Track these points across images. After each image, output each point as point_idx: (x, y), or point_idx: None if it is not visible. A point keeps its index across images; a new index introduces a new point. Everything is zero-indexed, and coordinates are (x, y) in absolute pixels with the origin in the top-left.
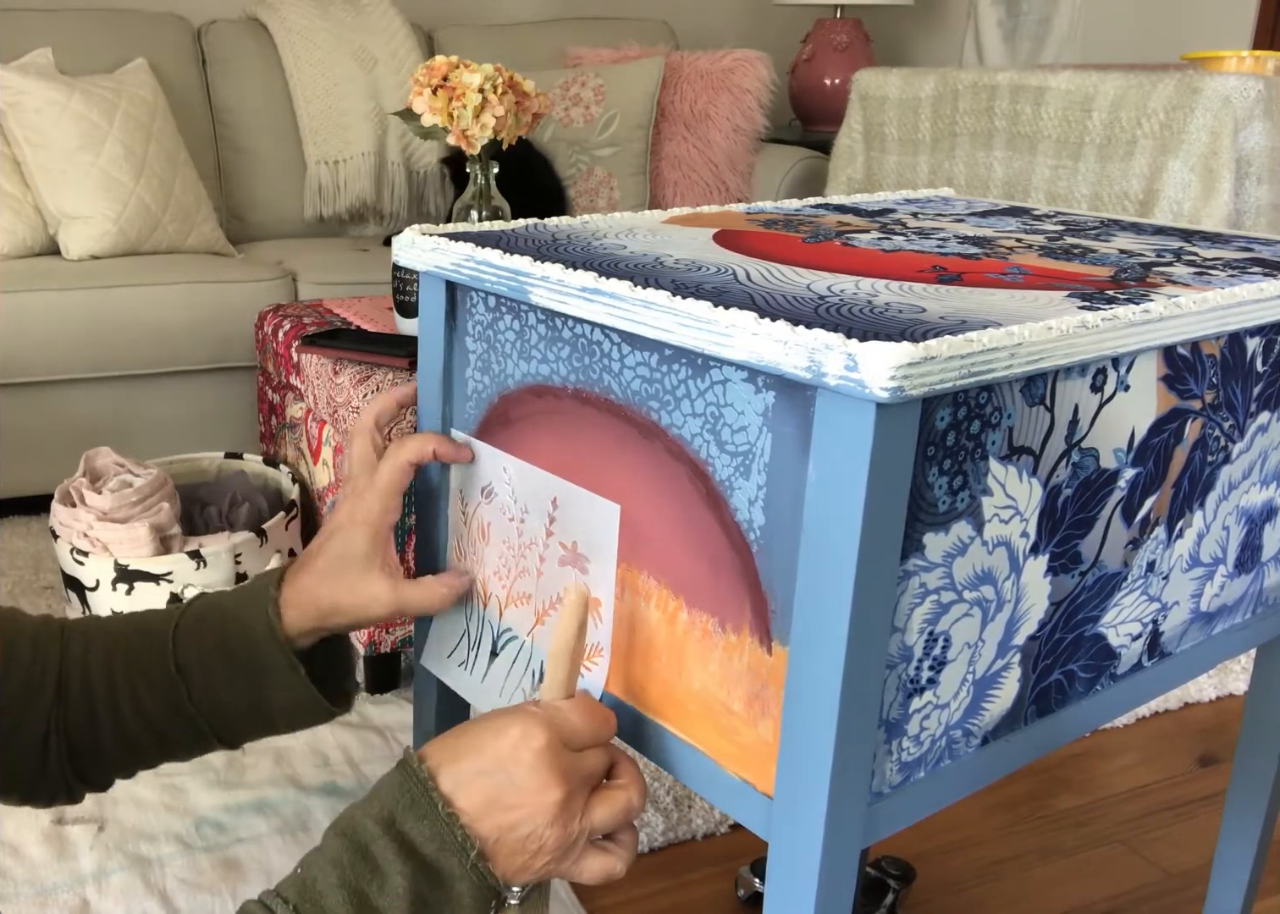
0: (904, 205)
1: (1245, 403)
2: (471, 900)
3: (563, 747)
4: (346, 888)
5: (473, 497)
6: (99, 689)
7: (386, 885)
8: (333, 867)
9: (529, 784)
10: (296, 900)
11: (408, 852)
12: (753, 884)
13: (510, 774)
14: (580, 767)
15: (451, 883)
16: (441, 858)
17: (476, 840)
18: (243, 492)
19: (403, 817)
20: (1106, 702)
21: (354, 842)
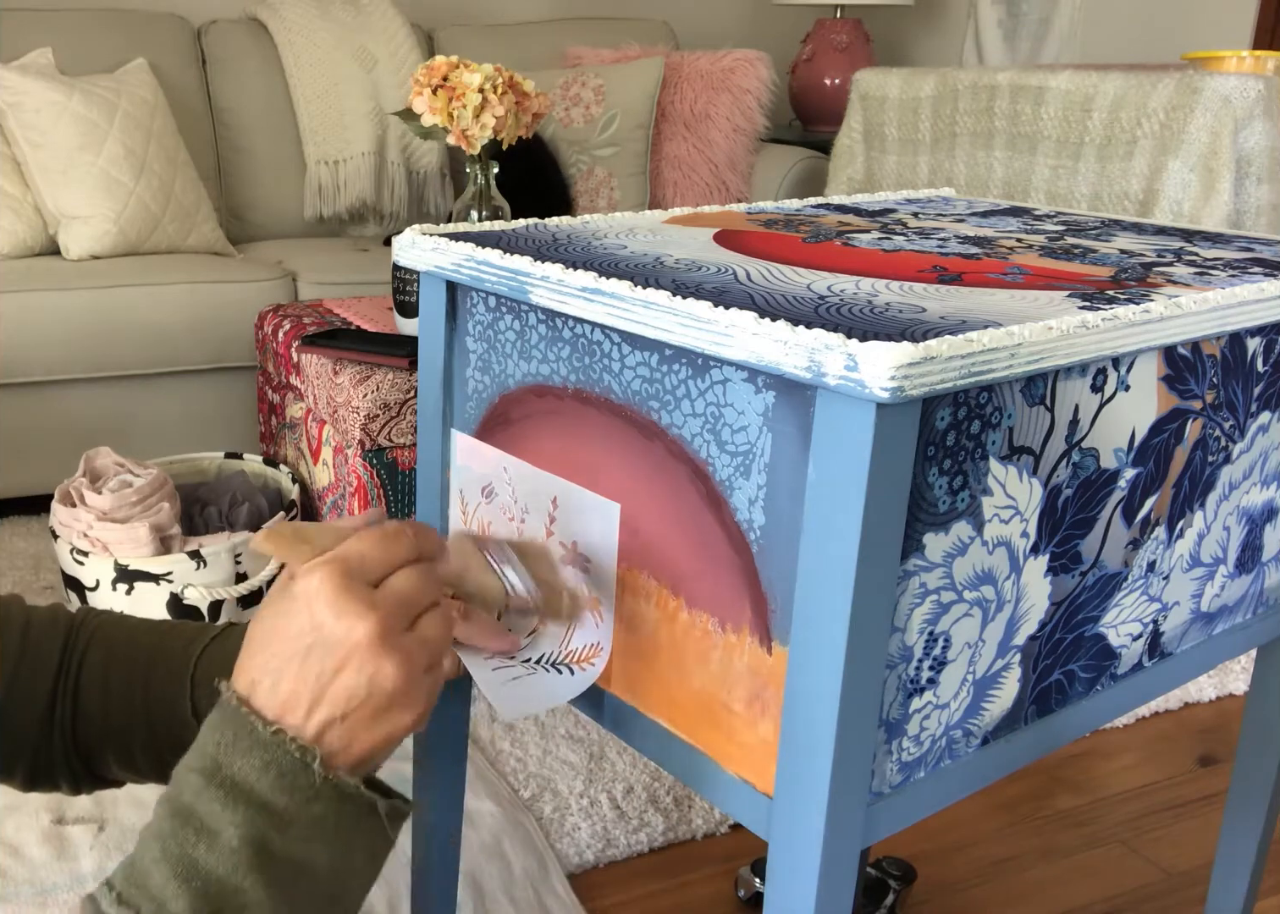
0: (905, 205)
1: (1246, 403)
2: (340, 818)
3: (353, 579)
4: (169, 860)
5: (473, 497)
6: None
7: (217, 842)
8: (155, 840)
9: (335, 636)
10: (121, 886)
11: (236, 797)
12: (753, 884)
13: (315, 639)
14: (386, 592)
15: (303, 813)
16: (281, 787)
17: (315, 747)
18: (243, 492)
19: (226, 757)
20: (1107, 702)
21: (176, 804)
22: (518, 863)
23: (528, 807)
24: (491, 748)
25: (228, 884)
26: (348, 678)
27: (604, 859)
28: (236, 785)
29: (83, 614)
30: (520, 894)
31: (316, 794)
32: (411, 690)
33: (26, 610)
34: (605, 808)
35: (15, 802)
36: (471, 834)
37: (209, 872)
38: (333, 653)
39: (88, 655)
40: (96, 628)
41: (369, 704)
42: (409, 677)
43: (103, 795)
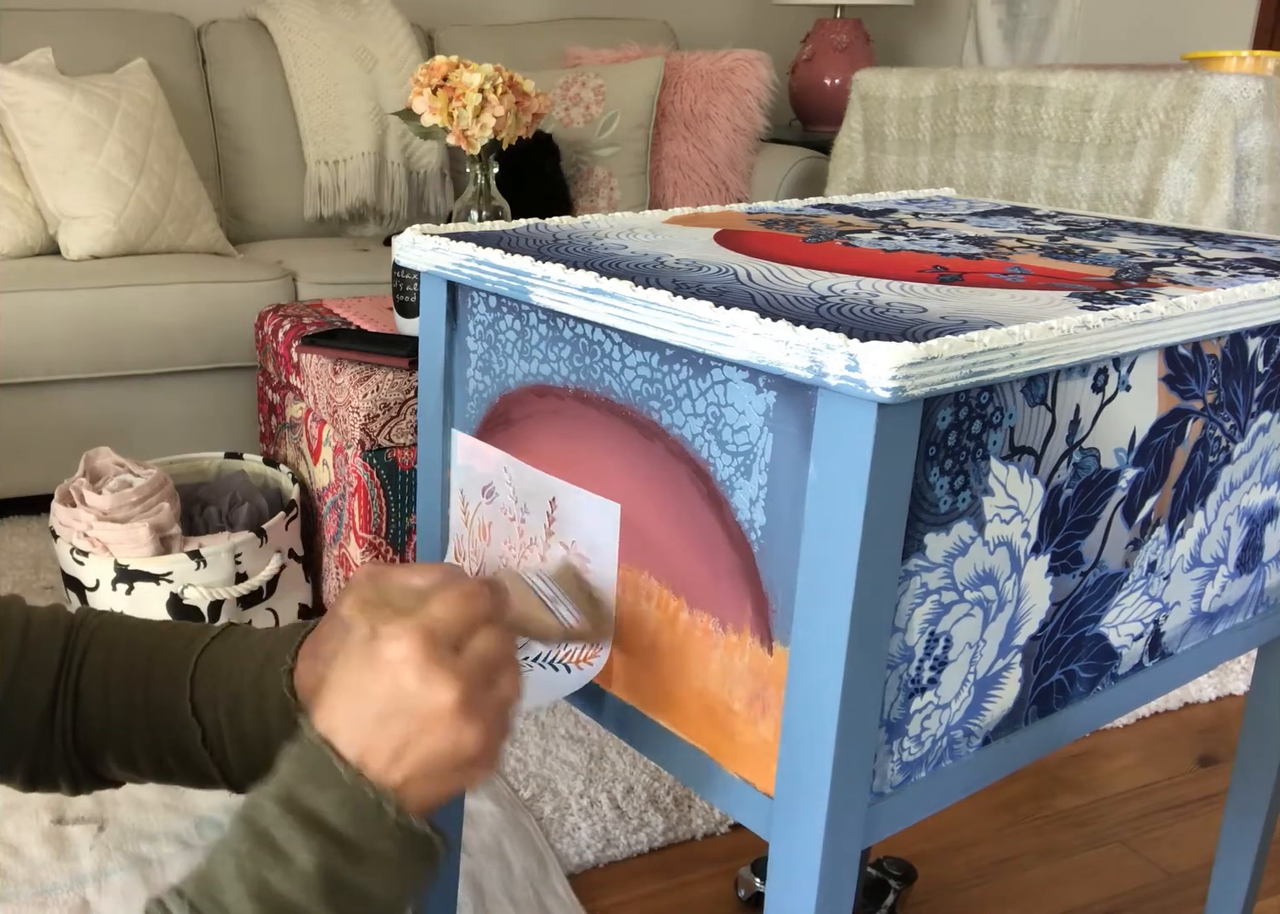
0: (905, 205)
1: (1246, 403)
2: (403, 856)
3: (437, 645)
4: (245, 878)
5: (474, 497)
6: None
7: (292, 868)
8: (232, 857)
9: (421, 704)
10: (194, 897)
11: (314, 827)
12: (753, 885)
13: (401, 704)
14: (467, 657)
15: (372, 848)
16: (356, 823)
17: (392, 792)
18: (243, 492)
19: (303, 790)
20: (1107, 702)
21: (253, 827)
22: (518, 863)
23: (528, 807)
24: None
25: (298, 908)
26: (432, 742)
27: (604, 859)
28: (313, 817)
29: (82, 614)
30: (520, 894)
31: (388, 833)
32: (489, 751)
33: (26, 611)
34: (605, 808)
35: (15, 801)
36: (471, 834)
37: (281, 894)
38: (418, 718)
39: (88, 656)
40: (96, 628)
41: (449, 765)
42: (489, 741)
43: (103, 796)
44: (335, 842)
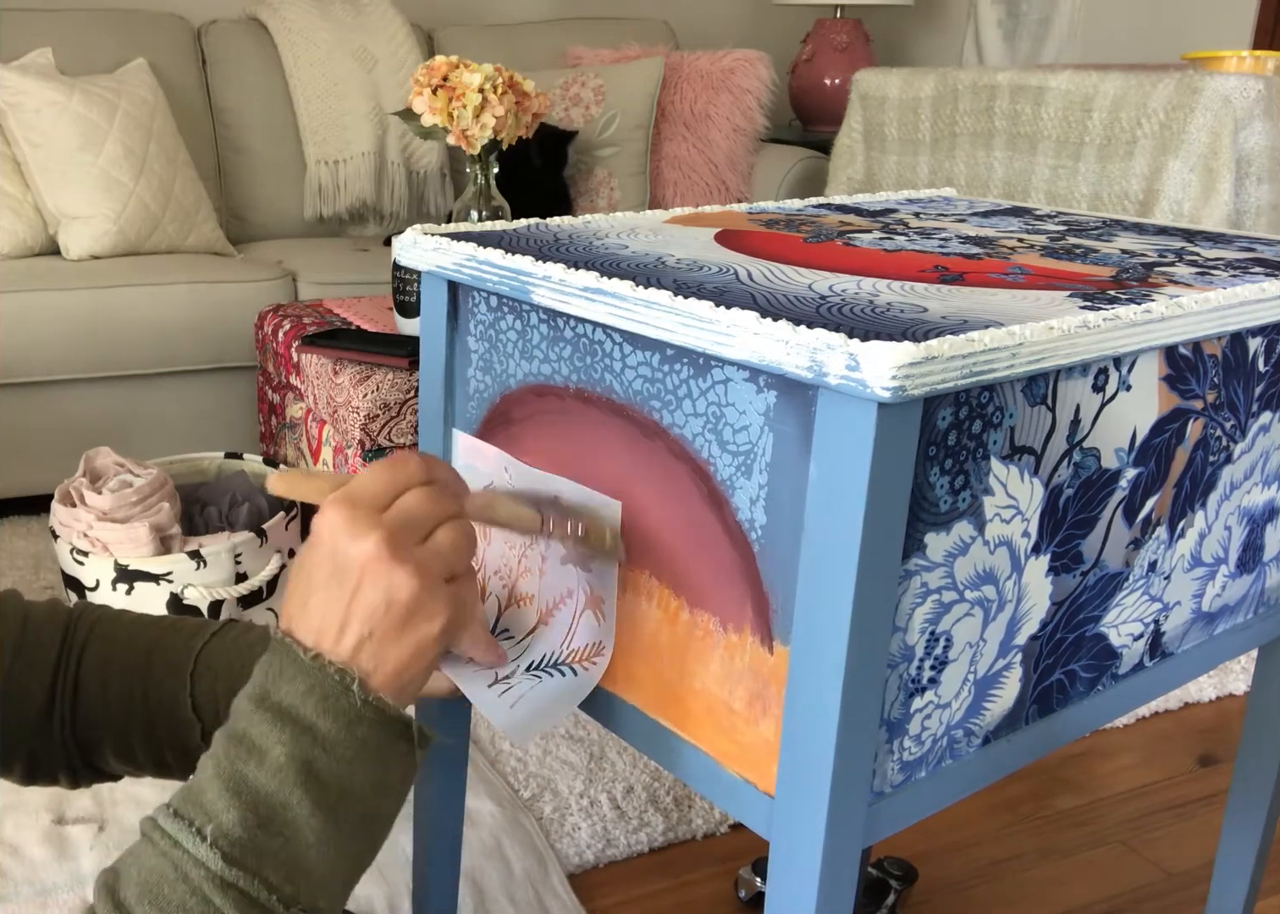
0: (906, 205)
1: (1247, 403)
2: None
3: (359, 505)
4: (222, 776)
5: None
6: (114, 709)
7: (265, 760)
8: (211, 760)
9: (347, 558)
10: (177, 803)
11: (283, 719)
12: (754, 885)
13: (333, 565)
14: (393, 511)
15: (345, 734)
16: (325, 710)
17: (352, 668)
18: (243, 492)
19: (274, 685)
20: (1108, 701)
21: (229, 730)
22: (518, 863)
23: (528, 807)
24: (491, 748)
25: (275, 798)
26: (365, 594)
27: (604, 859)
28: (283, 709)
29: (80, 608)
30: (520, 894)
31: (358, 717)
32: (430, 599)
33: (24, 605)
34: (605, 808)
35: (15, 801)
36: (471, 834)
37: (258, 786)
38: (349, 574)
39: (87, 650)
40: (95, 623)
41: (391, 616)
42: (424, 585)
43: (103, 795)
44: (307, 731)
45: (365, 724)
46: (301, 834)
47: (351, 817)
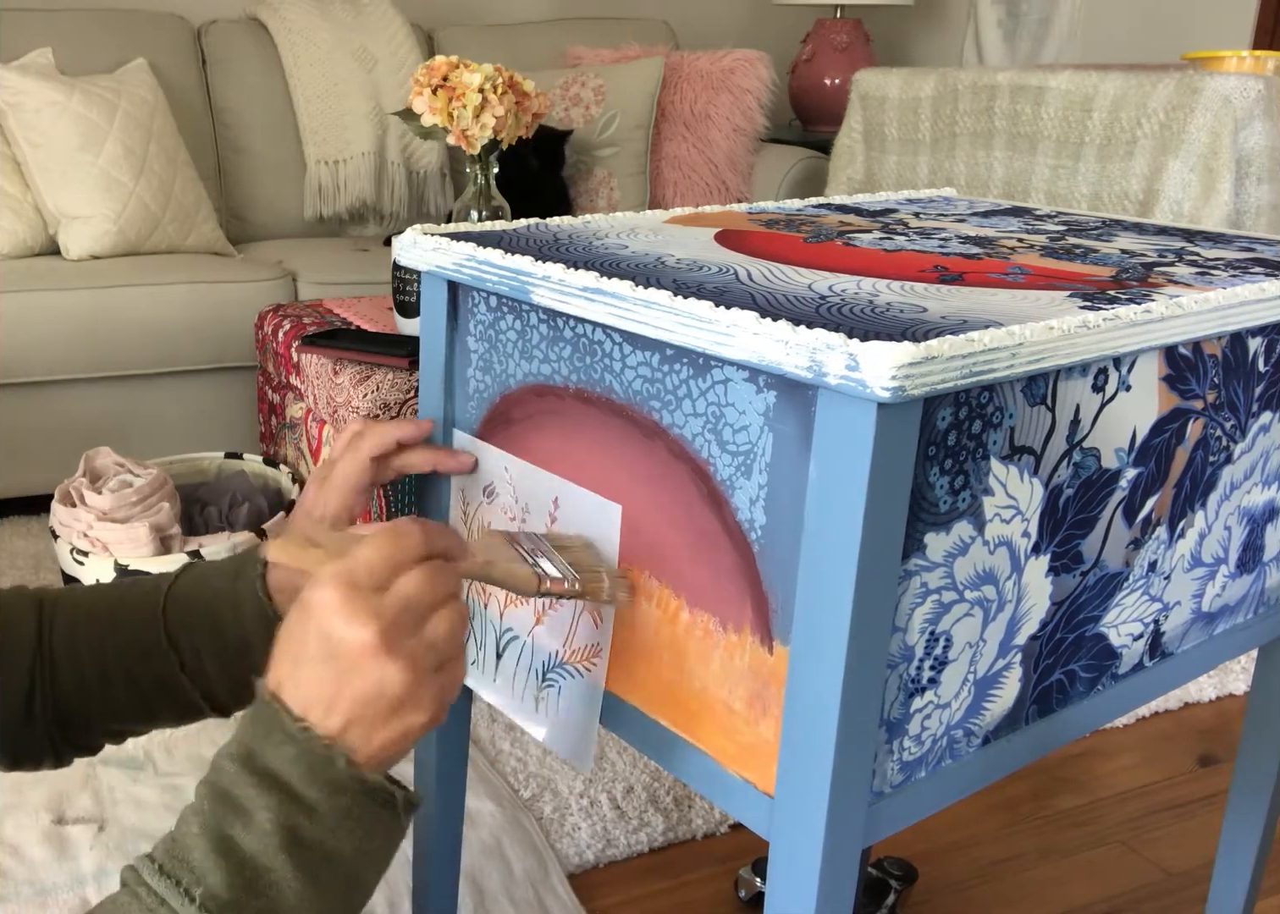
0: (906, 205)
1: (1247, 403)
2: (362, 809)
3: (358, 587)
4: (208, 835)
5: (474, 496)
6: (88, 665)
7: (251, 824)
8: (196, 817)
9: (342, 645)
10: (163, 859)
11: (270, 784)
12: (754, 885)
13: (325, 649)
14: (390, 597)
15: (329, 802)
16: (310, 778)
17: (340, 743)
18: (243, 492)
19: (260, 748)
20: (1108, 701)
21: (215, 787)
22: (518, 863)
23: (528, 807)
24: (491, 748)
25: (260, 862)
26: (357, 682)
27: (604, 859)
28: (269, 774)
29: (41, 589)
30: (520, 894)
31: (341, 787)
32: (420, 691)
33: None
34: (605, 808)
35: (15, 801)
36: (471, 834)
37: (244, 850)
38: (343, 659)
39: (55, 623)
40: (59, 597)
41: (380, 707)
42: (416, 679)
43: (103, 795)
44: (292, 798)
45: (350, 794)
46: (285, 897)
47: (334, 881)
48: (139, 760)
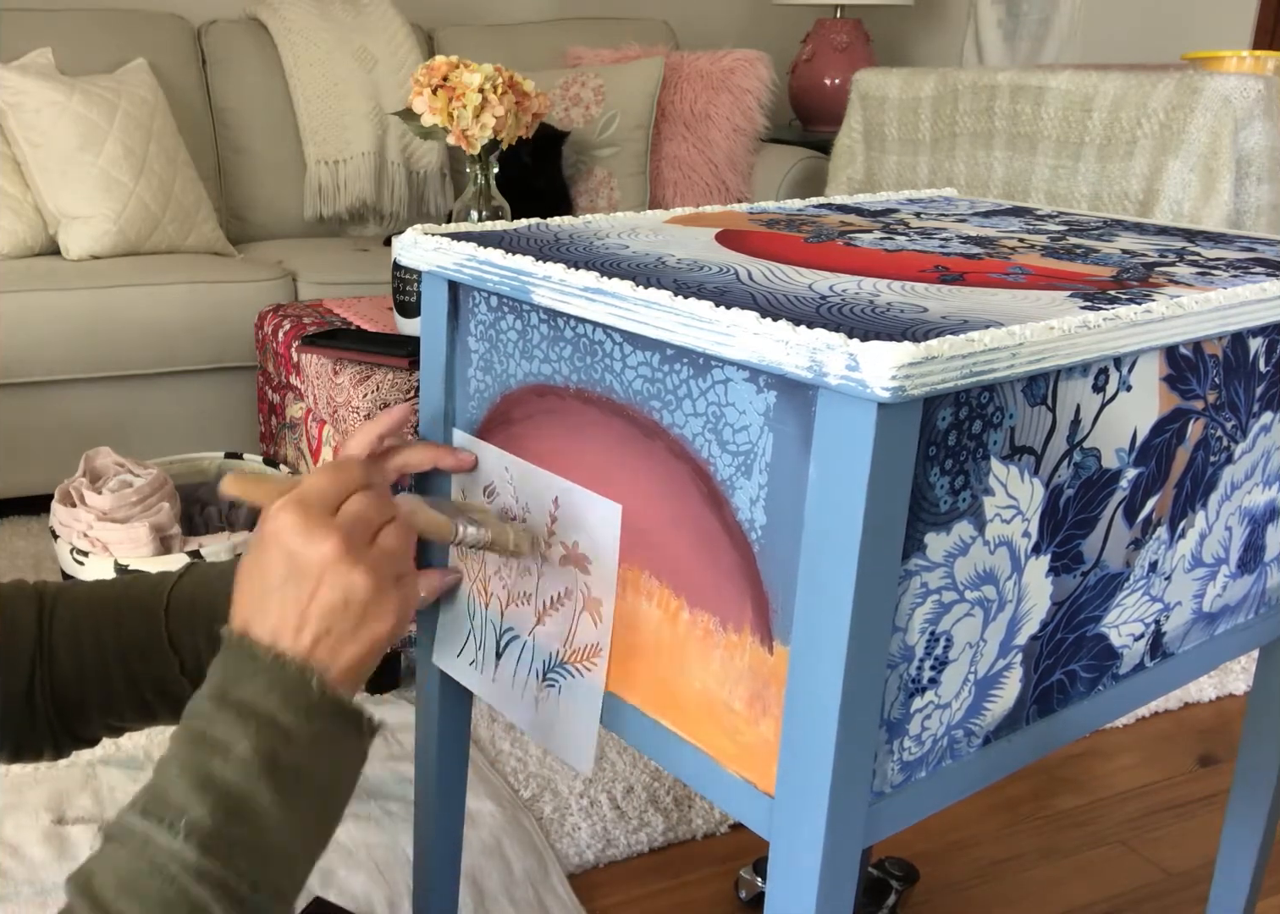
0: (907, 205)
1: (1248, 403)
2: (335, 732)
3: (312, 508)
4: (188, 774)
5: (475, 496)
6: (89, 656)
7: (231, 755)
8: (174, 761)
9: (306, 560)
10: (145, 804)
11: (246, 714)
12: (754, 885)
13: (290, 567)
14: (345, 514)
15: (305, 726)
16: (286, 704)
17: (312, 664)
18: None
19: (233, 685)
20: (1108, 702)
21: (191, 730)
22: (518, 863)
23: (528, 807)
24: (492, 748)
25: (242, 789)
26: (324, 594)
27: (604, 859)
28: (245, 705)
29: (42, 583)
30: (520, 894)
31: (315, 709)
32: (383, 598)
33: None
34: (605, 808)
35: (15, 801)
36: (471, 834)
37: (224, 780)
38: (308, 575)
39: (55, 617)
40: (60, 591)
41: (348, 615)
42: (378, 585)
43: (103, 795)
44: (269, 725)
45: (324, 717)
46: (266, 822)
47: (311, 804)
48: (139, 760)
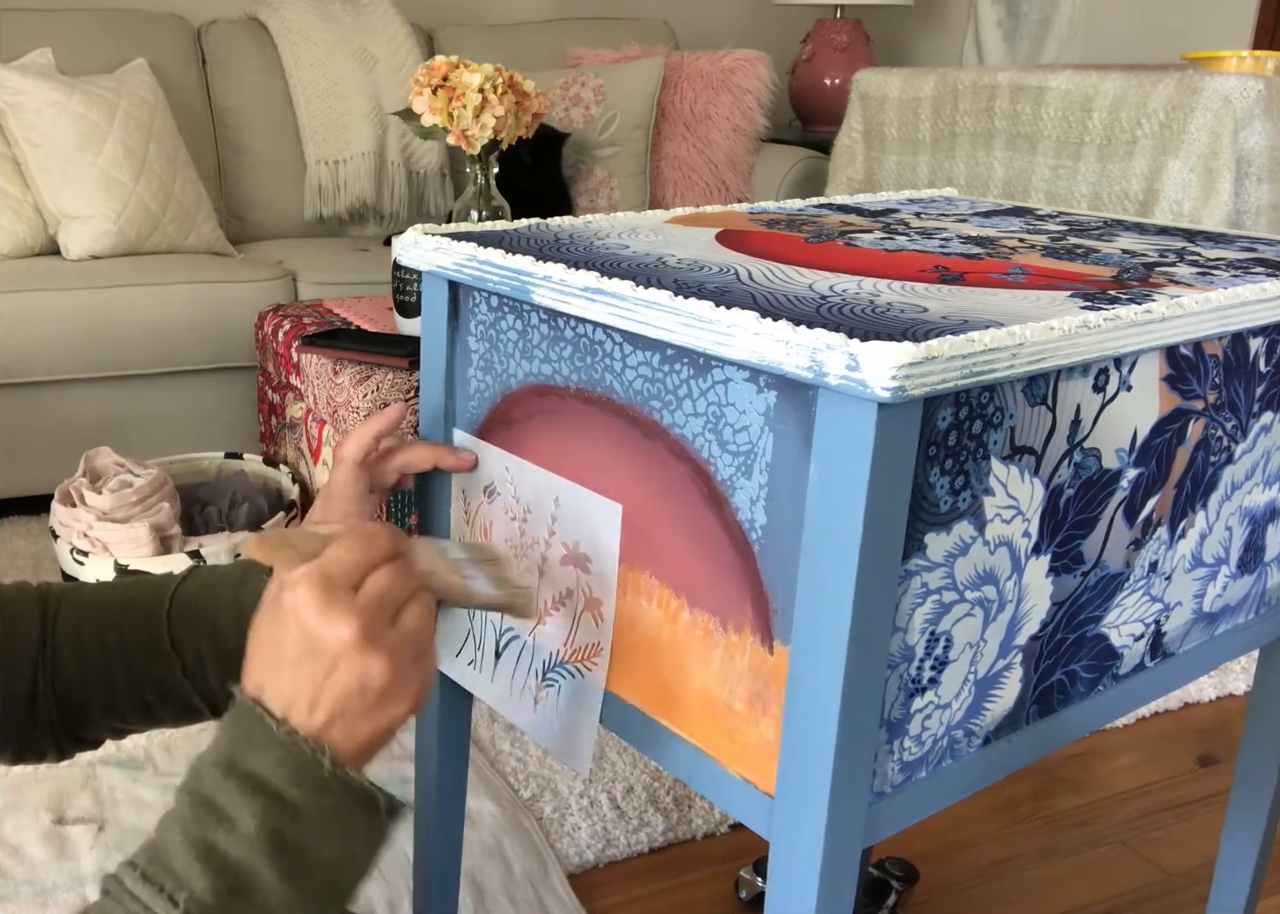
0: (907, 205)
1: (1248, 403)
2: (345, 811)
3: (334, 586)
4: (191, 841)
5: (475, 496)
6: (92, 659)
7: (236, 829)
8: (178, 824)
9: (324, 641)
10: (145, 865)
11: (253, 787)
12: (755, 885)
13: (306, 646)
14: (366, 594)
15: (313, 804)
16: (294, 780)
17: (325, 742)
18: (243, 491)
19: (242, 753)
20: (1108, 702)
21: (196, 794)
22: (518, 863)
23: (528, 807)
24: (492, 748)
25: (244, 867)
26: (340, 678)
27: (604, 859)
28: (252, 778)
29: (47, 585)
30: (520, 894)
31: (325, 787)
32: (401, 682)
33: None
34: (605, 808)
35: (15, 801)
36: (471, 834)
37: (226, 855)
38: (323, 657)
39: (59, 620)
40: (63, 593)
41: (364, 700)
42: (397, 671)
43: (103, 795)
44: (276, 801)
45: (334, 795)
46: (268, 901)
47: (317, 885)
48: (139, 760)
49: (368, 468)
